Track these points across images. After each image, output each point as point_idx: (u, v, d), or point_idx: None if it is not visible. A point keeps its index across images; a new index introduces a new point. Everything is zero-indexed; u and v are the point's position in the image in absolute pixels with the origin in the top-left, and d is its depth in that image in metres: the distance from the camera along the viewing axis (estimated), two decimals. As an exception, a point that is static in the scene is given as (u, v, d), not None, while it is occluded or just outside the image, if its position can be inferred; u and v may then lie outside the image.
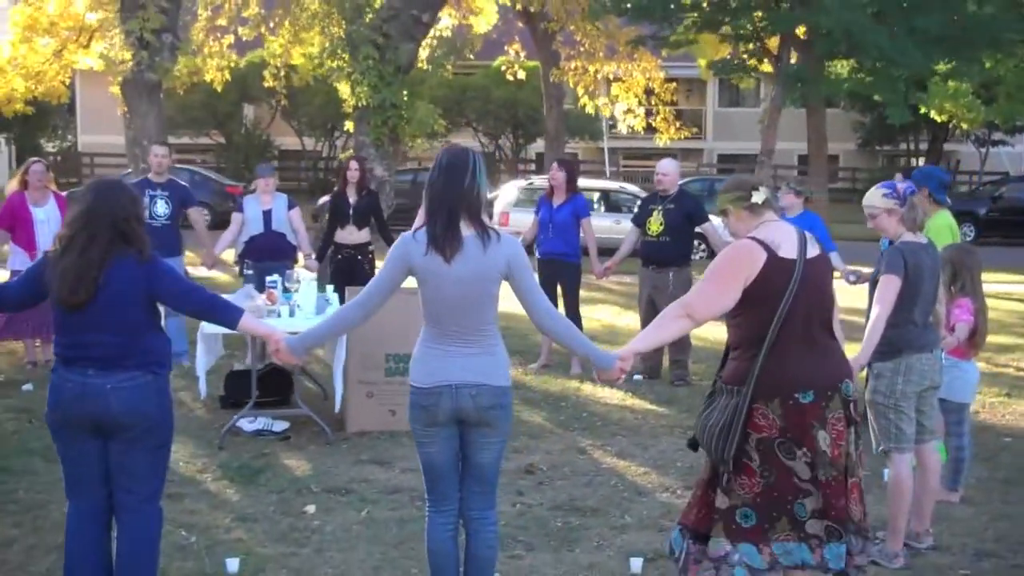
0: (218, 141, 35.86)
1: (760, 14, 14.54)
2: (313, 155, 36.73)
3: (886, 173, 38.62)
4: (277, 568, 5.29)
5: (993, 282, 18.49)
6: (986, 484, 6.85)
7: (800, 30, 14.43)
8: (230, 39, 21.60)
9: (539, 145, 33.74)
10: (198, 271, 12.92)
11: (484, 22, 24.18)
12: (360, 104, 15.16)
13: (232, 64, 21.74)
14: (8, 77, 28.11)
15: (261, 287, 8.69)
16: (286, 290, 7.86)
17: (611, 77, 19.48)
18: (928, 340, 5.45)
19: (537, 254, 10.27)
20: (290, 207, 10.15)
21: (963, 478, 6.51)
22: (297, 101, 32.42)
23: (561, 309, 10.28)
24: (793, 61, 15.05)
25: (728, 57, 15.49)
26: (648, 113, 19.86)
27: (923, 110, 27.80)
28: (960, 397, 6.44)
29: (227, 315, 4.53)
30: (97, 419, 4.31)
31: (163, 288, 4.42)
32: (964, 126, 29.29)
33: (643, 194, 23.77)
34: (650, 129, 21.27)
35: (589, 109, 20.54)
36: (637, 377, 9.64)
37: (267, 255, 9.82)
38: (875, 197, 5.54)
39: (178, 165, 30.12)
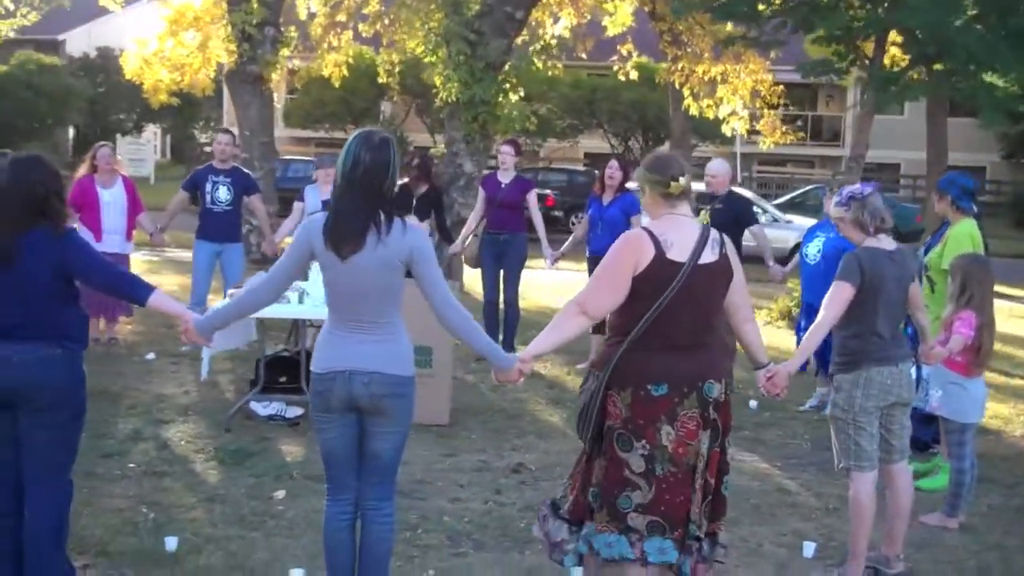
0: (354, 135, 36.48)
1: (853, 14, 14.01)
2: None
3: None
4: (215, 549, 5.30)
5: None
6: (996, 512, 6.45)
7: (895, 34, 13.87)
8: (349, 35, 21.87)
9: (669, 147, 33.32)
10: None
11: (619, 23, 23.95)
12: (451, 99, 15.19)
13: (348, 60, 22.00)
14: (154, 69, 29.23)
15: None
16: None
17: (719, 79, 19.08)
18: (893, 353, 5.14)
19: (587, 252, 10.17)
20: (349, 197, 10.19)
21: (963, 503, 6.13)
22: (430, 97, 32.70)
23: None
24: (890, 65, 14.47)
25: (826, 58, 14.98)
26: (754, 116, 19.42)
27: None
28: (961, 417, 6.07)
29: (137, 292, 4.55)
30: (2, 390, 4.38)
31: (75, 262, 4.46)
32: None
33: (759, 200, 23.41)
34: (754, 132, 20.82)
35: (694, 111, 20.17)
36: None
37: (326, 244, 9.92)
38: (830, 208, 5.32)
39: (307, 158, 30.91)
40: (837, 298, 5.07)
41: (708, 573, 4.60)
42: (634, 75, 21.28)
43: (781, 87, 21.17)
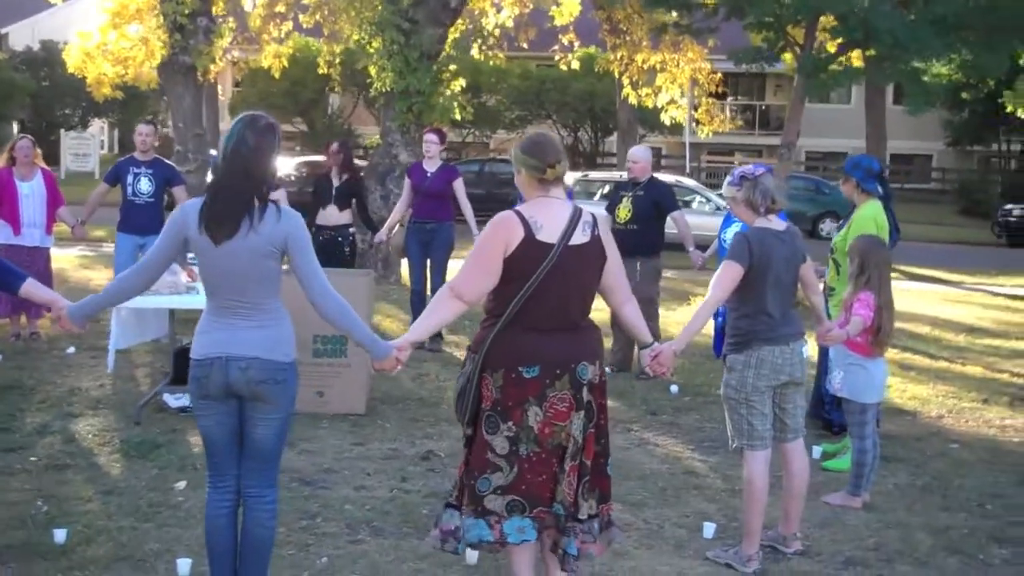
0: (301, 129, 36.29)
1: (782, 1, 14.06)
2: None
3: (979, 174, 37.38)
4: (106, 541, 5.21)
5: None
6: (901, 490, 6.48)
7: (827, 19, 13.89)
8: (289, 25, 21.73)
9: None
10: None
11: (567, 13, 23.91)
12: (385, 90, 15.11)
13: (291, 51, 21.87)
14: (97, 63, 28.93)
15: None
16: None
17: (658, 67, 19.08)
18: (784, 333, 5.14)
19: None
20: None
21: (866, 483, 6.15)
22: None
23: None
24: (821, 51, 14.51)
25: (759, 46, 15.00)
26: (695, 106, 19.45)
27: (1009, 108, 26.79)
28: (861, 397, 6.09)
29: (8, 280, 4.47)
30: None
31: None
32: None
33: (703, 190, 23.48)
34: (698, 121, 20.78)
35: (632, 100, 20.18)
36: (606, 369, 9.40)
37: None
38: (724, 187, 5.34)
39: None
40: (725, 278, 5.07)
41: (602, 553, 4.61)
42: (576, 65, 21.28)
43: (719, 75, 21.25)
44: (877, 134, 18.91)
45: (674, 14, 17.45)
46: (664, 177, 24.82)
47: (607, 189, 22.55)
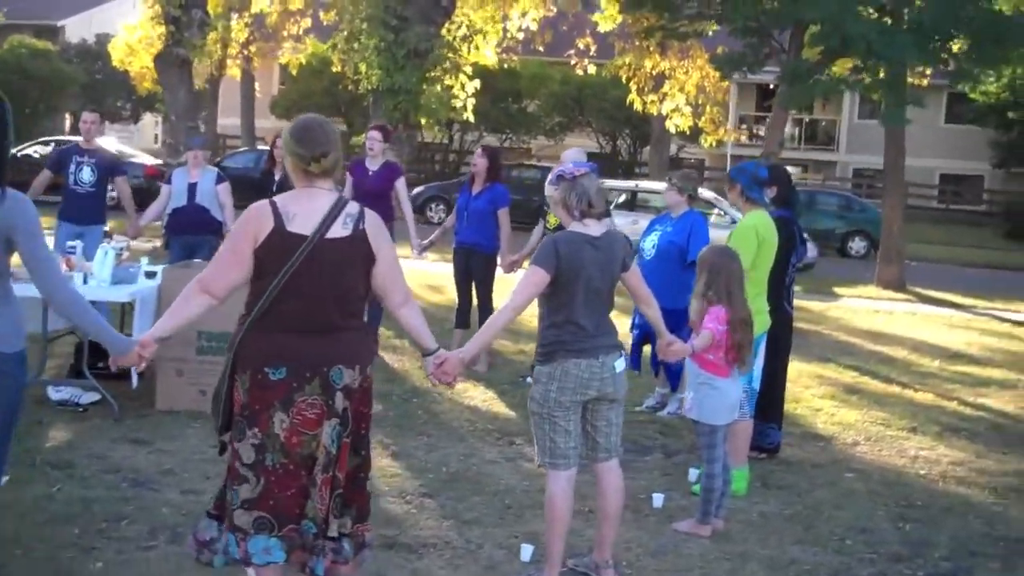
0: (340, 129, 36.34)
1: (766, 6, 13.59)
2: (434, 147, 36.84)
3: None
4: None
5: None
6: (766, 519, 6.09)
7: (813, 27, 13.42)
8: (308, 22, 21.67)
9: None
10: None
11: (610, 19, 23.64)
12: (371, 87, 14.96)
13: (308, 50, 21.81)
14: (140, 56, 29.32)
15: (185, 257, 9.13)
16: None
17: (667, 74, 18.66)
18: (594, 345, 4.80)
19: (453, 243, 9.89)
20: (218, 181, 9.99)
21: (716, 510, 5.77)
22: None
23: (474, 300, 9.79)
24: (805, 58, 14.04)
25: (740, 52, 14.53)
26: (699, 114, 18.97)
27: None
28: (711, 418, 5.72)
29: None
30: None
31: None
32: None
33: (720, 202, 22.96)
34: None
35: (637, 106, 19.77)
36: (529, 380, 9.11)
37: (189, 228, 9.82)
38: (546, 187, 5.03)
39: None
40: (526, 283, 4.76)
41: (354, 573, 4.30)
42: (592, 70, 21.00)
43: (727, 83, 20.77)
44: (895, 150, 18.22)
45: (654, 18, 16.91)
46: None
47: (623, 199, 22.20)
